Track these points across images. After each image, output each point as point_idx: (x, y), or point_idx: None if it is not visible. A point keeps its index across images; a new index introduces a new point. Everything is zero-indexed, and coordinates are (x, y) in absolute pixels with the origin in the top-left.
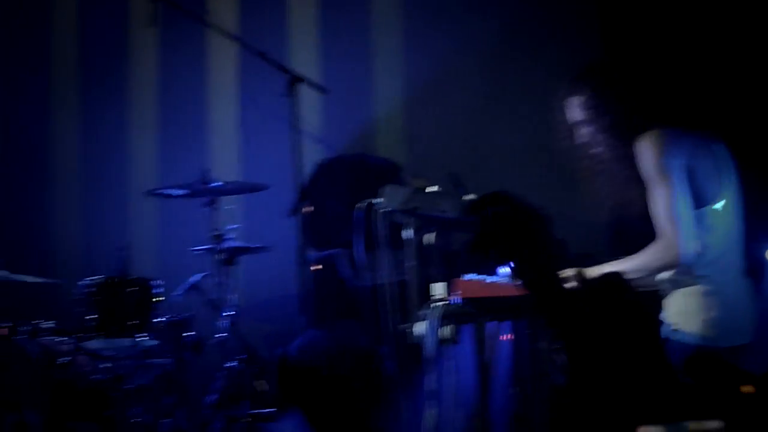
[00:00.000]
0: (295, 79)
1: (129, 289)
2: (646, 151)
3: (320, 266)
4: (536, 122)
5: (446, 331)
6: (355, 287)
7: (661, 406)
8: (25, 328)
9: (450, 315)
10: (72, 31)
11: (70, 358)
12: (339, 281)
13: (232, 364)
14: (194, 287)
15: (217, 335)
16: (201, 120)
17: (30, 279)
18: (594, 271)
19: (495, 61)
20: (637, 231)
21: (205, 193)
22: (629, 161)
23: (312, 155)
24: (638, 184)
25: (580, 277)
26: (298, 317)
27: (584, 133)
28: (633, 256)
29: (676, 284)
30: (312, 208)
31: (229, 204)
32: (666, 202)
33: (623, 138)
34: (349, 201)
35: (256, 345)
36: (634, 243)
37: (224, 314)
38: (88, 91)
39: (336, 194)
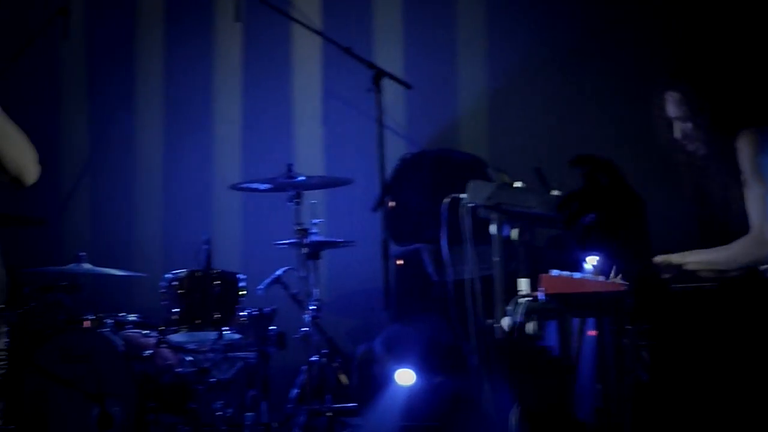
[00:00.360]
0: (379, 74)
1: (213, 283)
2: (743, 149)
3: (403, 261)
4: (623, 117)
5: (531, 327)
6: (439, 282)
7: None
8: (109, 320)
9: (535, 311)
10: (157, 26)
11: (153, 351)
12: (422, 276)
13: (314, 359)
14: (278, 281)
15: (300, 329)
16: (285, 114)
17: (115, 272)
18: (679, 259)
19: (580, 55)
20: (731, 228)
21: (289, 187)
22: (726, 158)
23: (396, 150)
24: (735, 181)
25: (669, 266)
26: (381, 312)
27: (681, 129)
28: (721, 247)
29: None
30: (395, 203)
31: (312, 198)
32: (760, 200)
33: (720, 135)
34: (432, 196)
35: (339, 339)
36: (725, 240)
37: (307, 308)
38: (172, 84)
39: (419, 189)
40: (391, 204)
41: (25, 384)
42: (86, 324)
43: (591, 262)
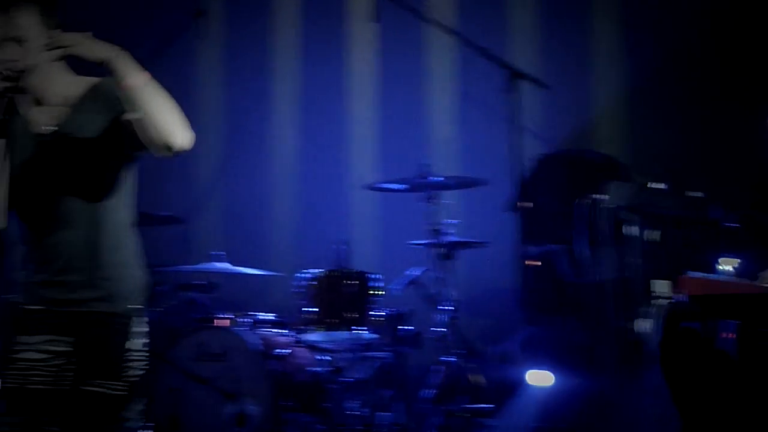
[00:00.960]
0: (515, 75)
1: (348, 283)
2: None
3: (538, 262)
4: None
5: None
6: (575, 283)
7: None
8: (245, 319)
9: (674, 313)
10: (292, 27)
11: (289, 350)
12: (557, 277)
13: (449, 359)
14: (413, 281)
15: (435, 329)
16: (420, 114)
17: (251, 271)
18: None
19: (719, 55)
20: None
21: (425, 187)
22: None
23: (530, 150)
24: None
25: None
26: (515, 312)
27: None
28: None
29: None
30: (530, 204)
31: (447, 199)
32: None
33: None
34: (567, 197)
35: (474, 340)
36: None
37: (442, 309)
38: (307, 85)
39: (554, 190)
40: (526, 205)
41: (162, 382)
42: (222, 323)
43: (727, 264)
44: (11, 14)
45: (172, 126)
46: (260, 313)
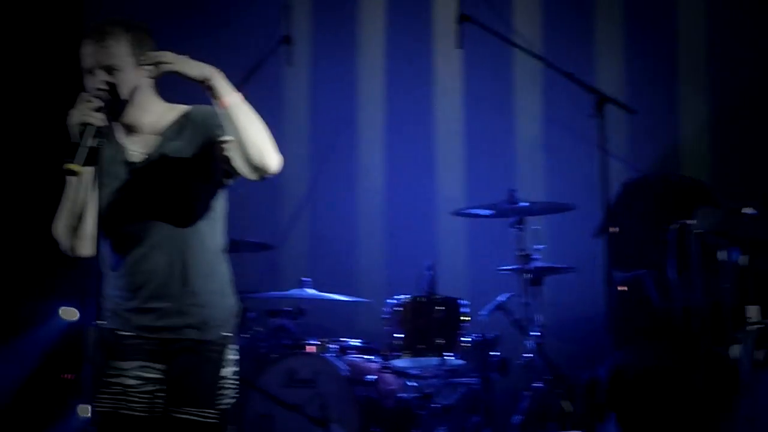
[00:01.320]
0: (602, 100)
1: (436, 308)
2: None
3: (626, 287)
4: None
5: (762, 354)
6: (664, 308)
7: None
8: (333, 345)
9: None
10: (378, 53)
11: (377, 376)
12: (646, 302)
13: (537, 385)
14: (500, 307)
15: (522, 355)
16: (506, 139)
17: (338, 297)
18: None
19: None
20: None
21: (512, 213)
22: None
23: (617, 175)
24: None
25: None
26: (604, 338)
27: None
28: None
29: None
30: (618, 229)
31: (535, 224)
32: None
33: None
34: (655, 222)
35: (562, 366)
36: None
37: (530, 334)
38: (394, 110)
39: (642, 215)
40: (614, 230)
41: (252, 409)
42: (310, 349)
43: None
44: (105, 43)
45: (265, 147)
46: (348, 339)
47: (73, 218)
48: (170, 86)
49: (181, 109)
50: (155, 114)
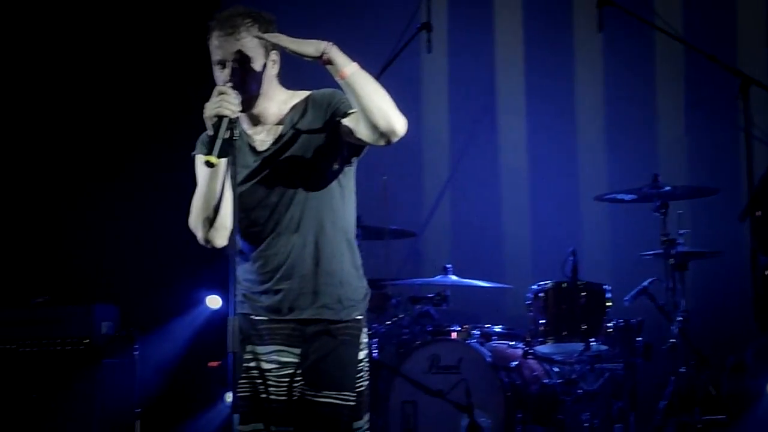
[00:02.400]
0: (747, 81)
1: (579, 294)
2: None
3: None
4: None
5: None
6: None
7: None
8: (476, 332)
9: None
10: (517, 39)
11: (520, 362)
12: None
13: (682, 370)
14: (644, 292)
15: (667, 340)
16: (649, 123)
17: (481, 283)
18: None
19: None
20: None
21: (655, 197)
22: None
23: (762, 158)
24: None
25: None
26: (749, 322)
27: None
28: None
29: None
30: (763, 213)
31: (678, 208)
32: None
33: None
34: None
35: (707, 350)
36: None
37: (674, 319)
38: (533, 95)
39: None
40: (758, 213)
41: (396, 395)
42: (453, 335)
43: None
44: (237, 35)
45: (389, 110)
46: (491, 325)
47: (210, 210)
48: (289, 73)
49: (302, 94)
50: (279, 102)
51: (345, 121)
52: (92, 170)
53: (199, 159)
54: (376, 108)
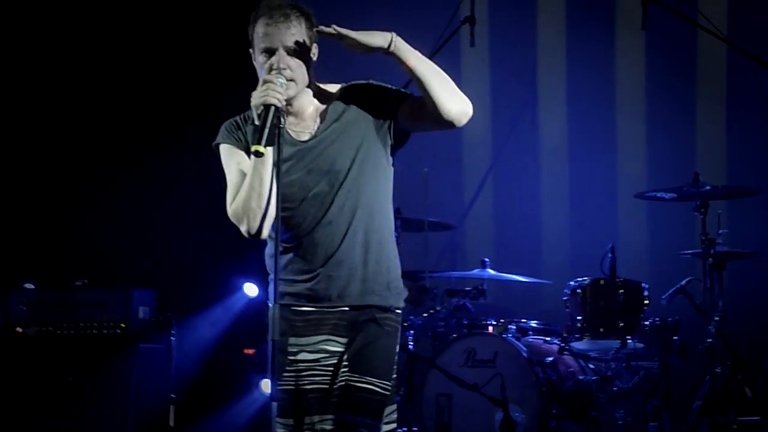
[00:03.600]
0: None
1: (617, 292)
2: None
3: None
4: None
5: None
6: None
7: None
8: (512, 326)
9: None
10: (559, 35)
11: (555, 357)
12: None
13: (718, 370)
14: (681, 291)
15: (703, 340)
16: (689, 122)
17: (518, 278)
18: None
19: None
20: None
21: (695, 196)
22: None
23: None
24: None
25: None
26: None
27: None
28: None
29: None
30: None
31: (718, 208)
32: None
33: None
34: None
35: (744, 351)
36: None
37: (711, 319)
38: (574, 92)
39: None
40: None
41: (431, 388)
42: (490, 329)
43: None
44: (288, 24)
45: (457, 93)
46: (527, 321)
47: (259, 200)
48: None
49: (336, 87)
50: (316, 94)
51: (404, 107)
52: (132, 155)
53: (225, 148)
54: (445, 92)
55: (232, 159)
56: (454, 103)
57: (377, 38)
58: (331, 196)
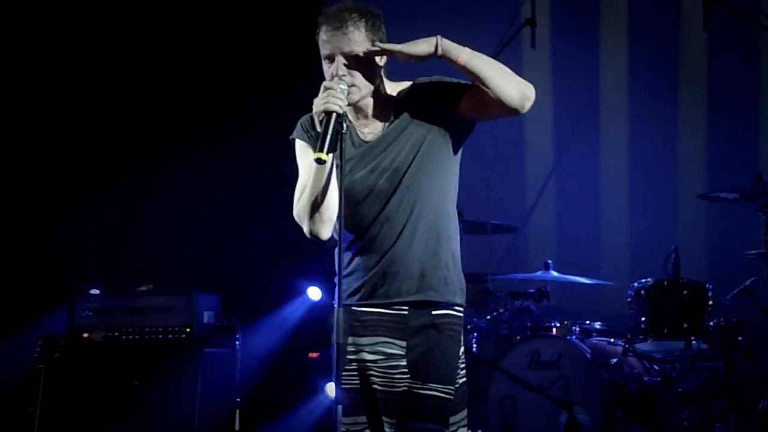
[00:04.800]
0: None
1: (681, 292)
2: None
3: None
4: None
5: None
6: None
7: None
8: (576, 328)
9: None
10: (621, 36)
11: (620, 359)
12: None
13: None
14: (746, 292)
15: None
16: (752, 122)
17: (581, 280)
18: None
19: None
20: None
21: (758, 196)
22: None
23: None
24: None
25: None
26: None
27: None
28: None
29: None
30: None
31: None
32: None
33: None
34: None
35: None
36: None
37: None
38: (636, 93)
39: None
40: None
41: (495, 390)
42: (553, 331)
43: None
44: (345, 29)
45: (515, 81)
46: (590, 322)
47: (317, 203)
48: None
49: (406, 84)
50: (386, 95)
51: (465, 99)
52: (196, 159)
53: (300, 145)
54: (503, 82)
55: (303, 158)
56: (514, 89)
57: (422, 46)
58: (390, 193)
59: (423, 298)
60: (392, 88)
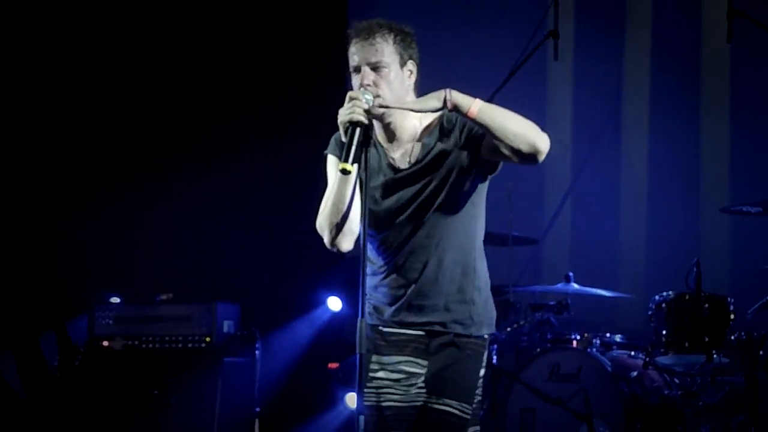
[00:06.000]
0: None
1: (702, 305)
2: None
3: None
4: None
5: None
6: None
7: None
8: (596, 341)
9: None
10: (645, 48)
11: (640, 372)
12: None
13: None
14: (765, 306)
15: None
16: None
17: (601, 292)
18: None
19: None
20: None
21: None
22: None
23: None
24: None
25: None
26: None
27: None
28: None
29: None
30: None
31: None
32: None
33: None
34: None
35: None
36: None
37: None
38: (658, 106)
39: None
40: None
41: (515, 402)
42: (574, 344)
43: None
44: (373, 41)
45: (528, 133)
46: (611, 335)
47: (339, 214)
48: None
49: (435, 116)
50: (415, 117)
51: (484, 146)
52: (219, 168)
53: (332, 160)
54: (513, 135)
55: (333, 172)
56: (524, 143)
57: (432, 102)
58: (417, 226)
59: (444, 330)
60: (423, 115)
